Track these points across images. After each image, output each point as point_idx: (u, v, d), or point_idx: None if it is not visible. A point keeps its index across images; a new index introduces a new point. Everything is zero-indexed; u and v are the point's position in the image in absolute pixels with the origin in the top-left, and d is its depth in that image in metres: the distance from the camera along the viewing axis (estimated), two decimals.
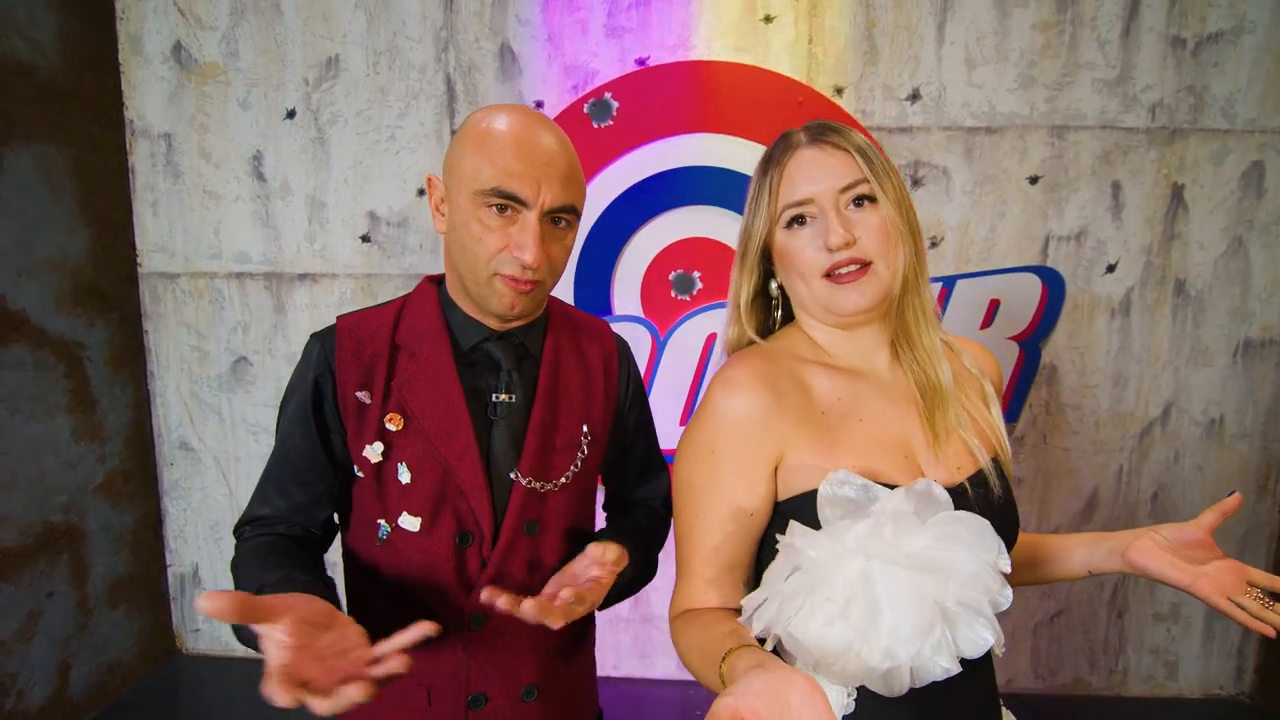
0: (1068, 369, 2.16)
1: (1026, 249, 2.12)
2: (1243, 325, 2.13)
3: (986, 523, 0.67)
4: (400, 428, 0.82)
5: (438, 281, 0.92)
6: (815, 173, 0.76)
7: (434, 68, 2.16)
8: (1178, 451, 2.18)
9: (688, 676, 2.32)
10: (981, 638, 0.65)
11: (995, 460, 0.79)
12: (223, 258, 2.29)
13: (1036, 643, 2.29)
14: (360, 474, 0.84)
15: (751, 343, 0.85)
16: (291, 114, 2.21)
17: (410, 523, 0.83)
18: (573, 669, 0.94)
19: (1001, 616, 2.24)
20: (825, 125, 0.79)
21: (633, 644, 2.33)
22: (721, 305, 2.15)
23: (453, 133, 2.16)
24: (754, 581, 0.80)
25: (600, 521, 1.04)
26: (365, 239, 2.25)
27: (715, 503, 0.75)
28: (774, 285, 0.84)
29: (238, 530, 0.88)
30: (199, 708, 2.25)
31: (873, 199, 0.76)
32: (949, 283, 2.12)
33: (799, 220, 0.77)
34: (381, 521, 0.84)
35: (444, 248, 0.86)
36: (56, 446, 2.04)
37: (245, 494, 2.39)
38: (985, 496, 0.76)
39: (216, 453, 2.38)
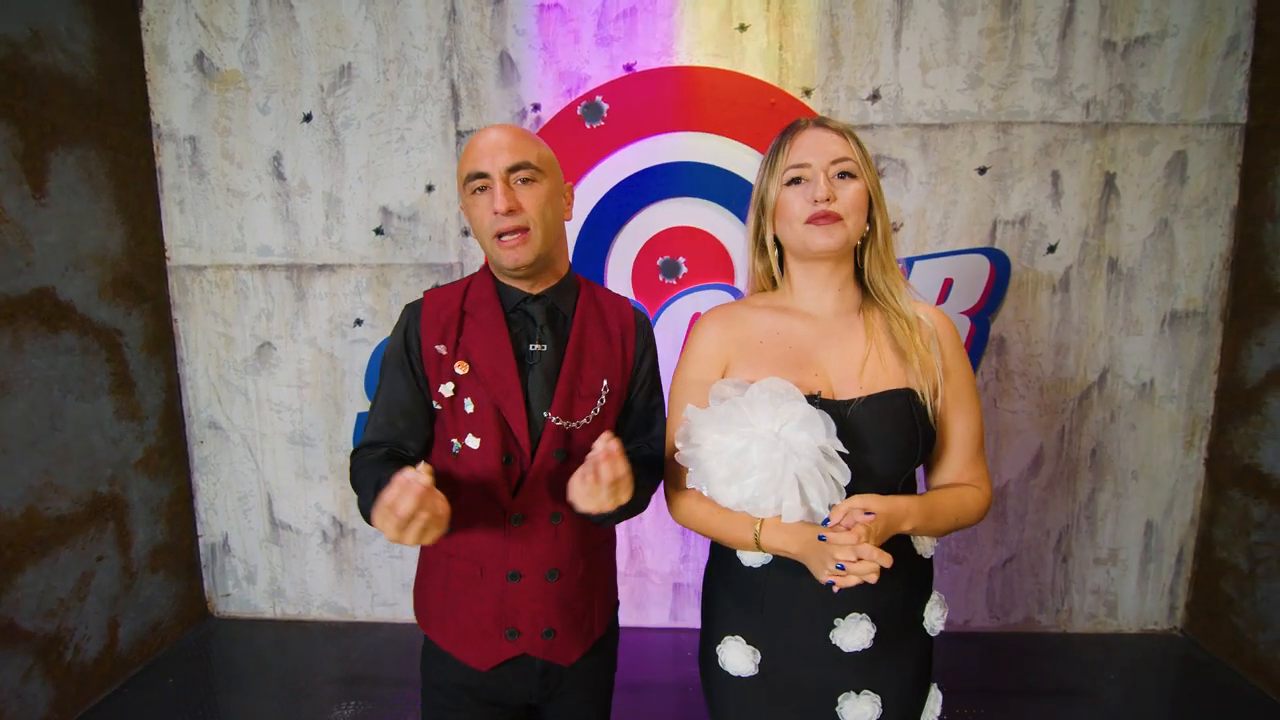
0: (1014, 340, 2.41)
1: (976, 233, 2.36)
2: (1169, 298, 2.38)
3: (820, 412, 0.93)
4: (466, 371, 1.10)
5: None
6: (815, 145, 1.02)
7: (439, 74, 2.37)
8: (1113, 412, 2.44)
9: (678, 624, 2.57)
10: (824, 495, 0.92)
11: (909, 390, 1.01)
12: (246, 250, 2.49)
13: (991, 585, 2.55)
14: (439, 407, 1.12)
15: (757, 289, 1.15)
16: (308, 118, 2.41)
17: (473, 442, 1.09)
18: (588, 560, 1.17)
19: (959, 563, 2.51)
20: (827, 118, 1.06)
21: (630, 596, 2.57)
22: (704, 288, 2.39)
23: (458, 133, 2.38)
24: None
25: None
26: (379, 232, 2.45)
27: (686, 404, 1.04)
28: (770, 236, 1.09)
29: (354, 454, 1.15)
30: (230, 666, 2.46)
31: (854, 175, 1.02)
32: (908, 264, 2.36)
33: (796, 180, 1.03)
34: (455, 440, 1.11)
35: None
36: (102, 424, 2.24)
37: (271, 468, 2.60)
38: (878, 409, 0.99)
39: (244, 431, 2.59)
